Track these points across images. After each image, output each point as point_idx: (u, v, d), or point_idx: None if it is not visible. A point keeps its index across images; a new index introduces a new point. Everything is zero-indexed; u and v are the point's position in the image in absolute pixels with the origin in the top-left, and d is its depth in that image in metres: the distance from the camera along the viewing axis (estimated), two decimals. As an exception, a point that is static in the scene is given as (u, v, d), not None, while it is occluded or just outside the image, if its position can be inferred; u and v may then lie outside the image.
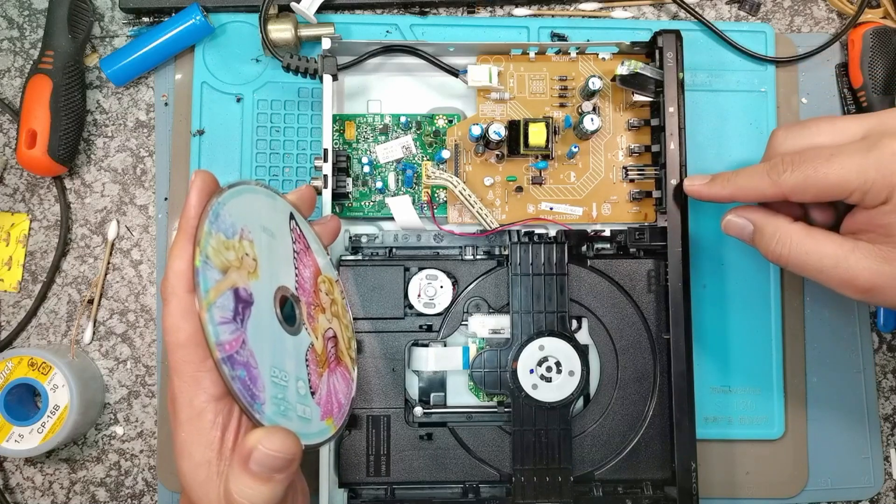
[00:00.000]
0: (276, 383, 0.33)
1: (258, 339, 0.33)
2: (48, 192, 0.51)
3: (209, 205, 0.33)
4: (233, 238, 0.33)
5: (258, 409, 0.31)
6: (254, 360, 0.32)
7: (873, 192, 0.35)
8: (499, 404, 0.46)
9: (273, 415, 0.32)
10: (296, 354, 0.36)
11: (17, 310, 0.50)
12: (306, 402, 0.35)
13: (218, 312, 0.31)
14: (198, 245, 0.31)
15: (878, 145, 0.35)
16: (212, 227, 0.32)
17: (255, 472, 0.31)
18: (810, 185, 0.37)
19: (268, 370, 0.33)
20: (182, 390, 0.33)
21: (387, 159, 0.48)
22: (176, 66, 0.51)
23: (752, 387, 0.49)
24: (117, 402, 0.50)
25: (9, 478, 0.50)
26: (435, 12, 0.52)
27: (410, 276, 0.46)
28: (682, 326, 0.44)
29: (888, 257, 0.35)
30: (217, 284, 0.31)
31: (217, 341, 0.30)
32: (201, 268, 0.31)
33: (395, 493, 0.45)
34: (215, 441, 0.33)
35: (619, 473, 0.45)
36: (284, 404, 0.33)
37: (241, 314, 0.32)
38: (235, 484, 0.32)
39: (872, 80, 0.50)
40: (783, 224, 0.39)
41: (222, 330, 0.31)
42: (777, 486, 0.49)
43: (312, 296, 0.39)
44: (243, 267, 0.33)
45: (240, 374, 0.31)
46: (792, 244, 0.38)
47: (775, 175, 0.38)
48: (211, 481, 0.33)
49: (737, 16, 0.53)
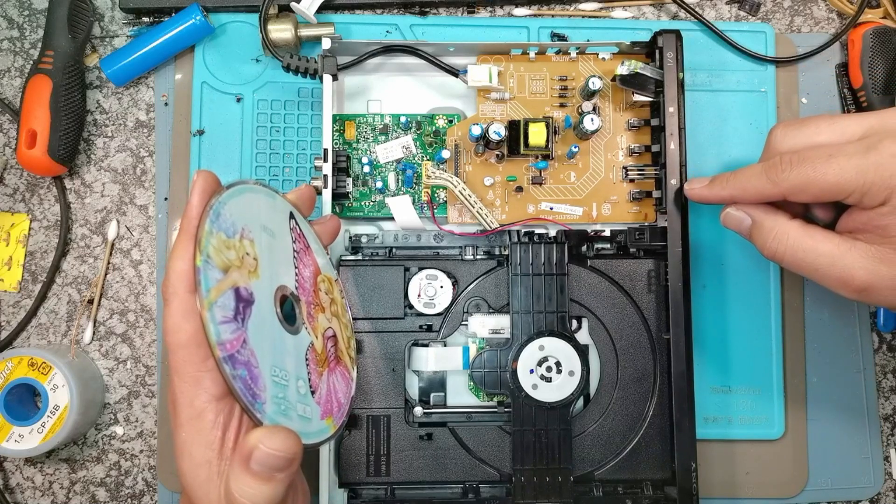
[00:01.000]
0: (277, 382, 0.33)
1: (259, 339, 0.33)
2: (48, 192, 0.51)
3: (210, 204, 0.33)
4: (233, 237, 0.33)
5: (259, 408, 0.31)
6: (254, 360, 0.32)
7: (871, 193, 0.35)
8: (499, 404, 0.46)
9: (274, 414, 0.32)
10: (296, 354, 0.36)
11: (17, 310, 0.50)
12: (306, 401, 0.35)
13: (219, 312, 0.31)
14: (199, 244, 0.31)
15: (877, 147, 0.35)
16: (213, 226, 0.32)
17: (256, 471, 0.31)
18: (809, 186, 0.36)
19: (268, 369, 0.33)
20: (183, 390, 0.33)
21: (387, 159, 0.48)
22: (176, 66, 0.51)
23: (752, 387, 0.49)
24: (117, 402, 0.50)
25: (9, 478, 0.50)
26: (435, 12, 0.52)
27: (410, 276, 0.46)
28: (682, 326, 0.44)
29: (884, 258, 0.35)
30: (218, 284, 0.31)
31: (218, 340, 0.30)
32: (202, 267, 0.31)
33: (395, 493, 0.45)
34: (216, 441, 0.33)
35: (619, 473, 0.45)
36: (285, 403, 0.33)
37: (241, 313, 0.32)
38: (236, 483, 0.32)
39: (872, 80, 0.50)
40: (781, 220, 0.39)
41: (223, 329, 0.31)
42: (777, 486, 0.49)
43: (312, 295, 0.39)
44: (244, 266, 0.33)
45: (241, 373, 0.31)
46: (788, 241, 0.38)
47: (774, 175, 0.37)
48: (212, 481, 0.33)
49: (737, 16, 0.53)
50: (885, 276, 0.35)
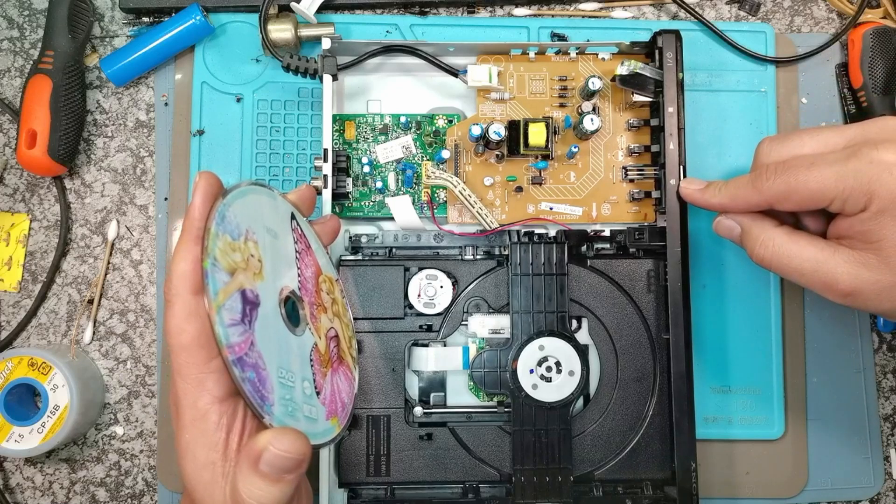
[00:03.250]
0: (284, 384, 0.33)
1: (265, 341, 0.33)
2: (48, 192, 0.51)
3: (215, 206, 0.33)
4: (238, 239, 0.33)
5: (268, 410, 0.32)
6: (262, 362, 0.32)
7: (852, 199, 0.36)
8: (499, 404, 0.46)
9: (282, 416, 0.32)
10: (300, 354, 0.36)
11: (17, 310, 0.50)
12: (312, 402, 0.35)
13: (227, 314, 0.31)
14: (206, 247, 0.31)
15: (857, 154, 0.36)
16: (219, 228, 0.32)
17: (265, 472, 0.31)
18: (791, 193, 0.37)
19: (275, 371, 0.33)
20: (186, 392, 0.33)
21: (387, 159, 0.48)
22: (176, 66, 0.51)
23: (752, 387, 0.49)
24: (117, 402, 0.50)
25: (9, 478, 0.50)
26: (435, 12, 0.52)
27: (410, 276, 0.46)
28: (682, 326, 0.44)
29: (867, 263, 0.36)
30: (225, 286, 0.31)
31: (227, 343, 0.30)
32: (210, 270, 0.31)
33: (395, 493, 0.45)
34: (220, 442, 0.33)
35: (619, 473, 0.45)
36: (292, 405, 0.33)
37: (248, 315, 0.32)
38: (244, 485, 0.32)
39: (872, 80, 0.50)
40: (767, 227, 0.40)
41: (232, 332, 0.31)
42: (777, 486, 0.49)
43: (314, 295, 0.39)
44: (249, 268, 0.33)
45: (249, 375, 0.31)
46: (774, 247, 0.39)
47: (759, 184, 0.39)
48: (216, 483, 0.33)
49: (737, 16, 0.53)
50: (867, 280, 0.36)
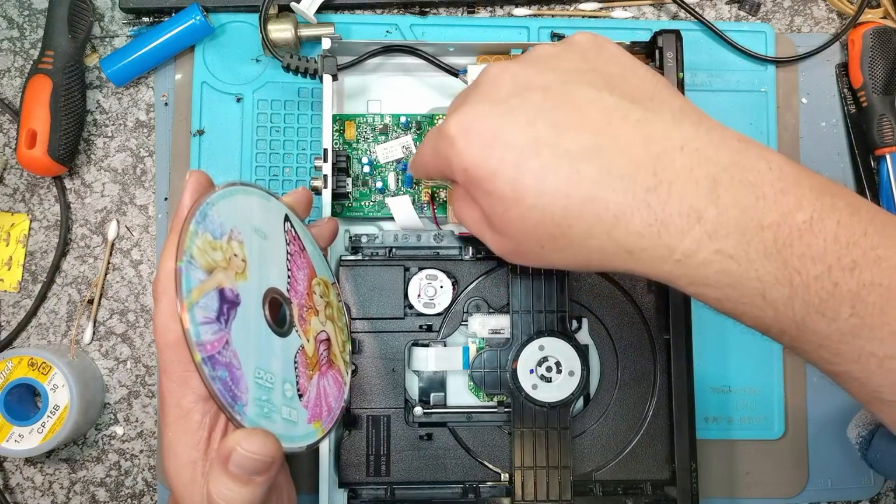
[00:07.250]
0: (261, 385, 0.33)
1: (243, 340, 0.33)
2: (48, 192, 0.51)
3: (196, 205, 0.33)
4: (220, 238, 0.33)
5: (239, 410, 0.31)
6: (237, 361, 0.32)
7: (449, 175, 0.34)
8: (499, 404, 0.46)
9: (255, 416, 0.32)
10: (284, 356, 0.36)
11: (17, 310, 0.50)
12: (293, 404, 0.35)
13: (200, 312, 0.31)
14: (181, 245, 0.31)
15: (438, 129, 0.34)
16: (198, 227, 0.32)
17: (234, 473, 0.31)
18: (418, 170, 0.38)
19: (252, 371, 0.33)
20: (170, 390, 0.33)
21: (387, 159, 0.48)
22: (176, 66, 0.51)
23: (752, 387, 0.49)
24: (117, 402, 0.50)
25: (9, 478, 0.50)
26: (435, 12, 0.52)
27: (410, 276, 0.46)
28: (682, 326, 0.44)
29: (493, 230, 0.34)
30: (201, 284, 0.31)
31: (198, 341, 0.30)
32: (184, 267, 0.31)
33: (395, 494, 0.45)
34: (202, 442, 0.33)
35: (619, 474, 0.45)
36: (268, 406, 0.33)
37: (225, 314, 0.32)
38: (214, 484, 0.31)
39: (872, 80, 0.50)
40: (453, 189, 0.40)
41: (204, 330, 0.31)
42: (777, 486, 0.49)
43: (305, 298, 0.39)
44: (231, 267, 0.33)
45: (221, 374, 0.31)
46: (455, 208, 0.37)
47: None
48: (196, 482, 0.32)
49: (737, 16, 0.53)
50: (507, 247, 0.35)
